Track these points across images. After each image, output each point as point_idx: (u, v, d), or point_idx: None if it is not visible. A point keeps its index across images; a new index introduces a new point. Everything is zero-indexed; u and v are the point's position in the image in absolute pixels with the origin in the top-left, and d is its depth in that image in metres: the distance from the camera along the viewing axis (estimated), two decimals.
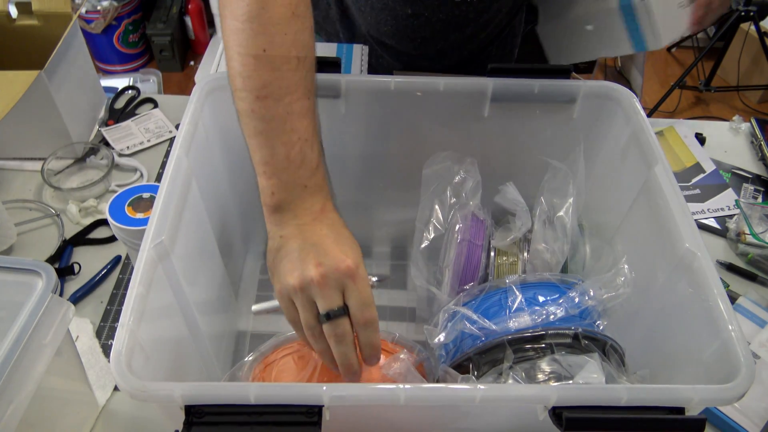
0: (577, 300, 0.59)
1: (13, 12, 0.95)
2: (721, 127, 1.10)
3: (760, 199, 0.97)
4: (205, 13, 2.57)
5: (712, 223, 0.93)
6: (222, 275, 0.73)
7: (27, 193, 0.92)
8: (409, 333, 0.79)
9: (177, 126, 0.78)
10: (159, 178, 0.96)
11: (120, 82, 1.82)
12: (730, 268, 0.87)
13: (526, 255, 0.69)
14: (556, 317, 0.58)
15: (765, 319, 0.77)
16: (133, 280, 0.50)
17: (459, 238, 0.68)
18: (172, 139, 1.01)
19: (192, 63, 2.63)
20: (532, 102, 0.71)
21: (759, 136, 1.05)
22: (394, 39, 0.91)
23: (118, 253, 0.85)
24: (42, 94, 0.86)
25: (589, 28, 0.86)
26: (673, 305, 0.58)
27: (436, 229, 0.71)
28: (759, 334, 0.75)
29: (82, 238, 0.86)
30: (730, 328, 0.49)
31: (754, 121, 1.08)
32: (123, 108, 1.06)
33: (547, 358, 0.54)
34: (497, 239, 0.70)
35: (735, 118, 1.10)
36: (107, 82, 1.81)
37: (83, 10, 2.26)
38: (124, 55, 2.49)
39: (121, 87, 1.09)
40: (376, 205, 0.82)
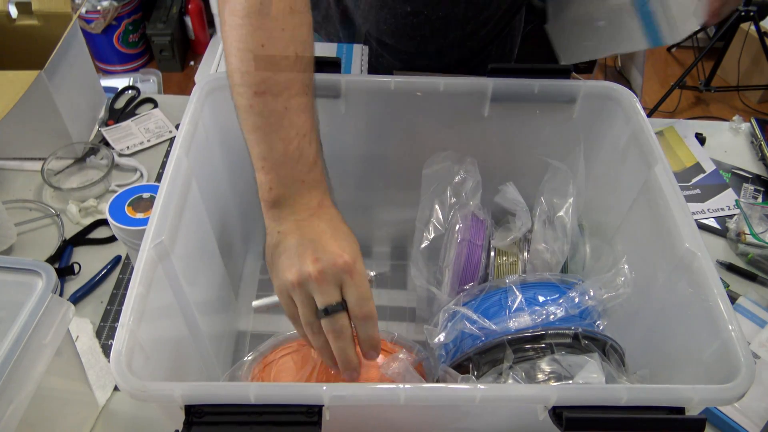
0: (577, 300, 0.59)
1: (13, 12, 0.95)
2: (721, 127, 1.09)
3: (760, 199, 0.97)
4: (205, 13, 2.57)
5: (712, 223, 0.93)
6: (222, 275, 0.73)
7: (27, 193, 0.92)
8: (409, 333, 0.79)
9: (177, 126, 0.78)
10: (159, 178, 0.96)
11: (120, 82, 1.83)
12: (730, 268, 0.87)
13: (526, 255, 0.69)
14: (556, 317, 0.58)
15: (765, 319, 0.77)
16: (133, 280, 0.50)
17: (459, 238, 0.68)
18: (172, 139, 1.01)
19: (192, 63, 2.63)
20: (532, 102, 0.71)
21: (759, 136, 1.05)
22: (393, 38, 0.91)
23: (118, 253, 0.85)
24: (42, 94, 0.86)
25: (600, 24, 0.85)
26: (673, 305, 0.58)
27: (436, 229, 0.71)
28: (759, 334, 0.75)
29: (82, 238, 0.86)
30: (730, 328, 0.49)
31: (754, 121, 1.08)
32: (123, 108, 1.06)
33: (547, 358, 0.54)
34: (497, 239, 0.70)
35: (735, 118, 1.10)
36: (107, 82, 1.81)
37: (83, 10, 2.26)
38: (124, 55, 2.49)
39: (121, 87, 1.09)
40: (376, 205, 0.82)
